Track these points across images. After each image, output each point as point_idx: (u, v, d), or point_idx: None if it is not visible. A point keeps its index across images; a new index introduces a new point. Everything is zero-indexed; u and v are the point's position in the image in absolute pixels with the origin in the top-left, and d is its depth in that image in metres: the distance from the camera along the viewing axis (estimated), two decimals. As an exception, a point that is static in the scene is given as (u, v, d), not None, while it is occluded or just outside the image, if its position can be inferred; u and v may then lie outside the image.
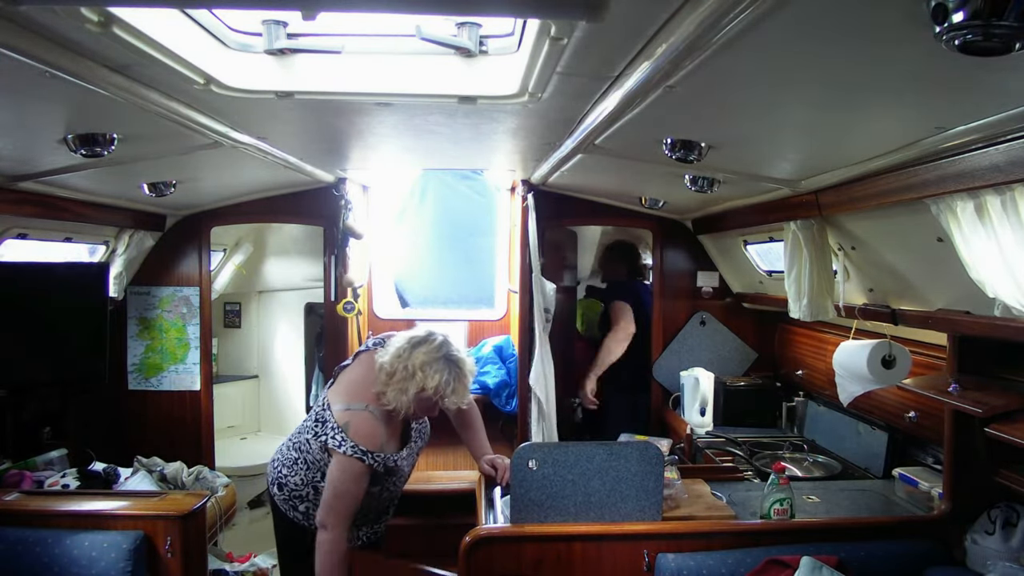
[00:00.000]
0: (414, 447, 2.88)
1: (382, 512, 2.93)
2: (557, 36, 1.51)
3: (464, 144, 3.00)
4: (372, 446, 2.61)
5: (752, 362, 4.66)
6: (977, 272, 1.92)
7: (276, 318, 5.94)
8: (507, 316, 5.76)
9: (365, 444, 2.60)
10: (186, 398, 4.42)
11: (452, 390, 2.61)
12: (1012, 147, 1.62)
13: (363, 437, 2.60)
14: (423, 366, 2.59)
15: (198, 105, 2.15)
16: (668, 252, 4.64)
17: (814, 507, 2.95)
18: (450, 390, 2.61)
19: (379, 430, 2.65)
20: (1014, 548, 2.37)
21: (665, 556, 2.46)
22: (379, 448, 2.63)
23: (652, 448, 2.59)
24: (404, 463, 2.80)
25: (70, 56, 1.58)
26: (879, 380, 2.89)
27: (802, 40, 1.30)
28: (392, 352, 2.66)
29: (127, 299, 4.34)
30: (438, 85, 2.06)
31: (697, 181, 2.81)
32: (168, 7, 1.66)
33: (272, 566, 4.07)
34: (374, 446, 2.62)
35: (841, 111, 1.77)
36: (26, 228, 3.33)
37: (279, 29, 1.93)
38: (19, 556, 2.62)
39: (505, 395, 5.12)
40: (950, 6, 1.00)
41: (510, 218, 5.37)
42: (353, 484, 2.59)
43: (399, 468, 2.77)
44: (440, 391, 2.60)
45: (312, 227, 4.89)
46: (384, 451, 2.65)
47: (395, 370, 2.61)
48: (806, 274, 2.92)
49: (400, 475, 2.83)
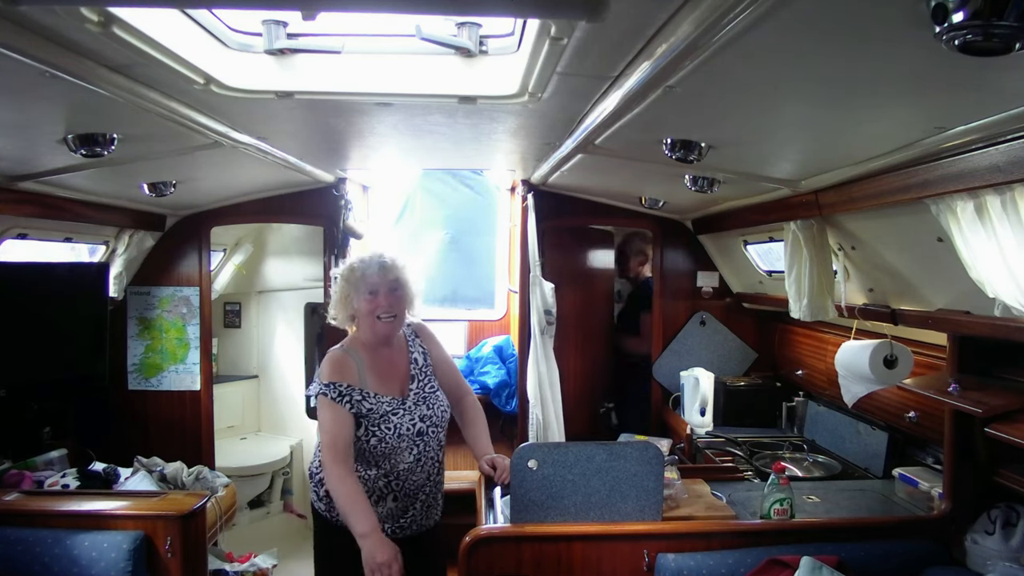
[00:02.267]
0: (410, 404, 2.72)
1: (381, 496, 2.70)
2: (557, 36, 1.51)
3: (464, 144, 3.00)
4: (333, 377, 2.61)
5: (752, 362, 4.67)
6: (977, 272, 1.92)
7: (276, 318, 5.93)
8: (507, 316, 5.76)
9: (327, 377, 2.62)
10: (186, 398, 4.42)
11: (380, 270, 2.68)
12: (1012, 147, 1.61)
13: (326, 371, 2.65)
14: (347, 271, 2.75)
15: (198, 105, 2.15)
16: (668, 252, 4.64)
17: (814, 507, 2.95)
18: (378, 272, 2.67)
19: (347, 361, 2.67)
20: (1014, 548, 2.37)
21: (665, 556, 2.46)
22: (341, 379, 2.61)
23: (652, 448, 2.59)
24: (386, 407, 2.64)
25: (70, 56, 1.58)
26: (881, 380, 2.89)
27: (802, 40, 1.30)
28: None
29: (127, 299, 4.34)
30: (438, 85, 2.06)
31: (697, 181, 2.81)
32: (168, 7, 1.66)
33: (272, 566, 4.07)
34: (336, 377, 2.61)
35: (841, 111, 1.77)
36: (26, 228, 3.33)
37: (279, 29, 1.94)
38: (19, 556, 2.63)
39: (505, 395, 5.13)
40: (950, 6, 1.00)
41: (510, 218, 5.37)
42: (329, 417, 2.59)
43: (376, 409, 2.62)
44: (367, 275, 2.67)
45: (312, 227, 4.89)
46: (347, 381, 2.61)
47: (335, 291, 2.77)
48: (806, 274, 2.92)
49: (387, 423, 2.63)
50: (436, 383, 2.86)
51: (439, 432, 2.80)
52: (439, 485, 2.85)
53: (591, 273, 5.02)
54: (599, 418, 4.92)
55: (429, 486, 2.76)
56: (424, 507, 2.77)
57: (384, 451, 2.64)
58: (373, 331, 2.70)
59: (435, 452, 2.78)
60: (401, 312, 2.74)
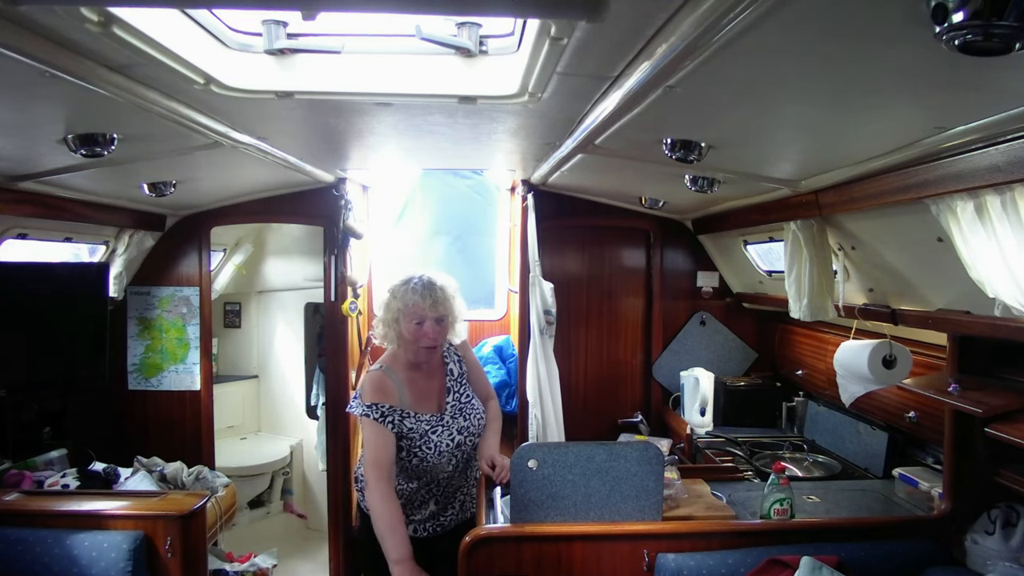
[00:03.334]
0: (447, 419, 2.80)
1: (422, 502, 2.87)
2: (557, 36, 1.51)
3: (464, 144, 3.00)
4: (375, 398, 2.69)
5: (752, 362, 4.67)
6: (977, 272, 1.92)
7: (276, 318, 5.94)
8: (507, 316, 5.76)
9: (370, 399, 2.69)
10: (186, 398, 4.42)
11: (431, 303, 2.71)
12: (1012, 147, 1.61)
13: (368, 392, 2.72)
14: (398, 292, 2.77)
15: (198, 105, 2.15)
16: (668, 252, 4.64)
17: (814, 507, 2.95)
18: (428, 304, 2.70)
19: (386, 382, 2.75)
20: (1014, 548, 2.37)
21: (665, 556, 2.46)
22: (383, 399, 2.69)
23: (652, 448, 2.59)
24: (425, 427, 2.75)
25: (70, 56, 1.58)
26: (880, 380, 2.89)
27: (802, 40, 1.30)
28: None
29: (127, 299, 4.34)
30: (438, 85, 2.06)
31: (697, 181, 2.81)
32: (168, 7, 1.65)
33: (272, 566, 4.07)
34: (378, 398, 2.69)
35: (841, 111, 1.77)
36: (26, 228, 3.32)
37: (279, 29, 1.93)
38: (19, 556, 2.62)
39: (505, 395, 5.12)
40: (950, 6, 0.99)
41: (510, 218, 5.37)
42: (372, 437, 2.66)
43: (416, 429, 2.73)
44: (417, 305, 2.70)
45: (312, 227, 4.89)
46: (388, 402, 2.69)
47: (383, 310, 2.80)
48: (806, 274, 2.92)
49: (427, 444, 2.74)
50: (471, 391, 2.95)
51: (474, 439, 2.91)
52: (475, 480, 3.01)
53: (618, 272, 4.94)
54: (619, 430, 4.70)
55: (466, 485, 2.96)
56: (461, 504, 2.96)
57: (425, 468, 2.78)
58: (415, 355, 2.79)
59: (470, 453, 2.90)
60: (443, 340, 2.83)
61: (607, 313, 4.89)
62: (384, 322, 2.80)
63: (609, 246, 4.97)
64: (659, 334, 4.65)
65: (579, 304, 4.76)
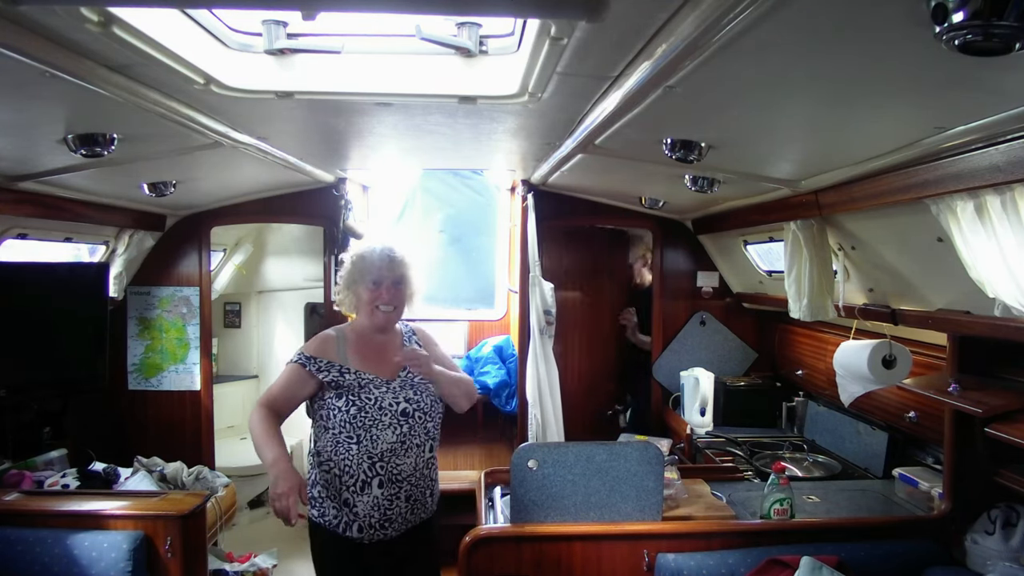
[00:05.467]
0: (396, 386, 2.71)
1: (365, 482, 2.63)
2: (557, 36, 1.51)
3: (464, 144, 3.00)
4: (314, 352, 2.70)
5: (752, 362, 4.67)
6: (977, 272, 1.92)
7: (276, 318, 5.94)
8: (507, 316, 5.76)
9: (309, 352, 2.70)
10: (186, 398, 4.42)
11: (387, 264, 2.73)
12: (1012, 147, 1.61)
13: (308, 346, 2.75)
14: (357, 256, 2.80)
15: (198, 105, 2.15)
16: (668, 252, 4.64)
17: (814, 507, 2.95)
18: (385, 264, 2.73)
19: (329, 340, 2.75)
20: (1014, 548, 2.37)
21: (665, 556, 2.46)
22: (322, 355, 2.68)
23: (652, 448, 2.59)
24: (369, 383, 2.66)
25: (70, 56, 1.58)
26: (879, 380, 2.89)
27: (802, 40, 1.30)
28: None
29: (127, 299, 4.34)
30: (438, 85, 2.06)
31: (697, 181, 2.81)
32: (168, 7, 1.66)
33: (272, 566, 4.07)
34: (317, 352, 2.69)
35: (841, 111, 1.77)
36: (26, 228, 3.33)
37: (279, 29, 1.94)
38: (19, 556, 2.62)
39: (505, 395, 5.13)
40: (950, 6, 0.99)
41: (510, 218, 5.38)
42: (283, 376, 2.69)
43: (358, 381, 2.65)
44: (374, 265, 2.72)
45: (312, 227, 4.89)
46: (327, 358, 2.68)
47: (344, 274, 2.82)
48: (806, 274, 2.92)
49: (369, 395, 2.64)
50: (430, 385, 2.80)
51: (426, 421, 2.71)
52: (428, 481, 2.76)
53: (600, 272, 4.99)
54: (605, 420, 4.90)
55: (416, 477, 2.68)
56: (409, 500, 2.68)
57: (364, 422, 2.61)
58: (371, 319, 2.76)
59: (421, 440, 2.70)
60: (400, 306, 2.79)
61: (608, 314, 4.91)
62: (345, 286, 2.81)
63: (609, 246, 4.99)
64: (659, 334, 4.65)
65: (579, 304, 4.77)
